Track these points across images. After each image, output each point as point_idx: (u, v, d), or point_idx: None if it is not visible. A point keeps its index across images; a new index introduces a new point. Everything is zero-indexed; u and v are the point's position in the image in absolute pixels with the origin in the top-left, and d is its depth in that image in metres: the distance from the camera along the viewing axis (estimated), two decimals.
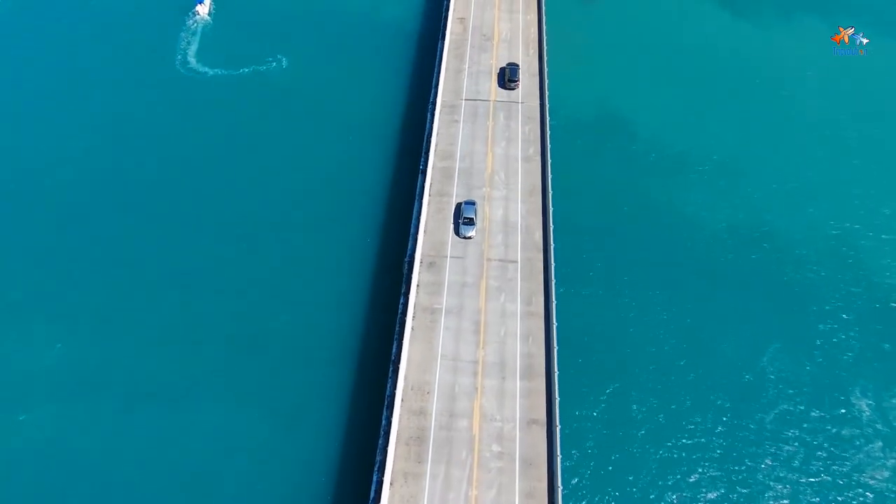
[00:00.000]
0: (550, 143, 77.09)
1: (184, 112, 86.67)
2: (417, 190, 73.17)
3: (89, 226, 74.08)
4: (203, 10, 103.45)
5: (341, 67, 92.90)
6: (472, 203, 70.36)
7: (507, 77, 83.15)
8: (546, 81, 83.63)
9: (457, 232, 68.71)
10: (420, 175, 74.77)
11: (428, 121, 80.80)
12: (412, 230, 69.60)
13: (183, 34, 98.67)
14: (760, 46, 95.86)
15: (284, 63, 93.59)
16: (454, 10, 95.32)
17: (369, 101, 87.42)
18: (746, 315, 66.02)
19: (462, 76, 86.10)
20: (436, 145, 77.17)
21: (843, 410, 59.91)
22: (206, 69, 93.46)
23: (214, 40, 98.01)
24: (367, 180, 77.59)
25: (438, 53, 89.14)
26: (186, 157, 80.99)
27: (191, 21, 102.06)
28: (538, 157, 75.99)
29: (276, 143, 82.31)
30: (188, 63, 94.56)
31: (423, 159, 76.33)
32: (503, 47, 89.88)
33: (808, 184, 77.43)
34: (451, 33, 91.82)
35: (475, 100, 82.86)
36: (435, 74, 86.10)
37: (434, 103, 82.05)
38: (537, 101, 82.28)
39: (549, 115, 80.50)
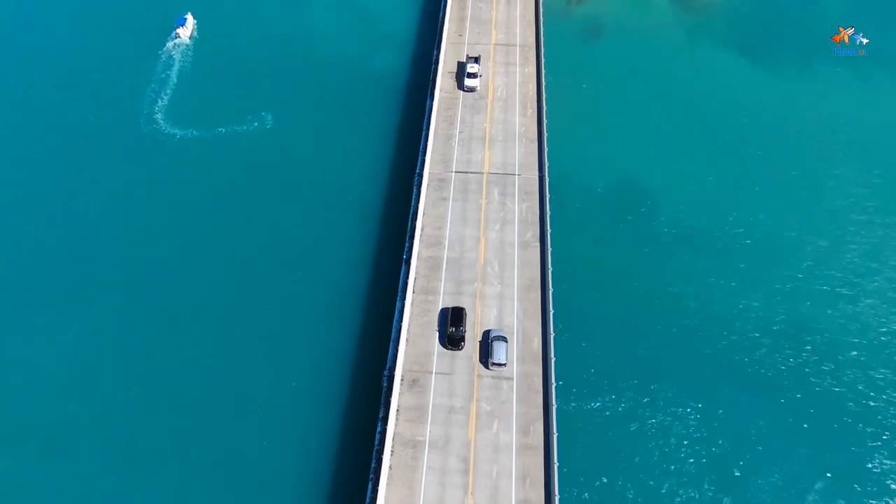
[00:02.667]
0: (551, 223, 67.95)
1: (147, 184, 77.78)
2: (400, 285, 64.10)
3: (30, 321, 65.64)
4: (185, 32, 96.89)
5: (325, 127, 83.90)
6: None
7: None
8: (545, 149, 74.54)
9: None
10: (403, 265, 65.74)
11: (414, 196, 71.85)
12: (393, 335, 60.52)
13: (154, 84, 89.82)
14: (785, 100, 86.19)
15: (269, 122, 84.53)
16: (444, 62, 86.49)
17: (354, 171, 78.15)
18: (786, 437, 56.30)
19: (452, 143, 77.12)
20: (421, 229, 68.14)
21: None
22: (177, 130, 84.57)
23: (192, 85, 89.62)
24: (345, 269, 68.50)
25: (427, 114, 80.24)
26: (148, 240, 72.09)
27: (170, 44, 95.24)
28: (537, 243, 66.77)
29: (250, 225, 73.07)
30: (155, 122, 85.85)
31: (406, 245, 67.32)
32: (498, 107, 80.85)
33: (855, 272, 67.38)
34: (441, 90, 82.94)
35: (466, 172, 73.82)
36: (422, 141, 77.14)
37: (421, 175, 73.15)
38: (536, 173, 73.14)
39: (550, 189, 71.49)
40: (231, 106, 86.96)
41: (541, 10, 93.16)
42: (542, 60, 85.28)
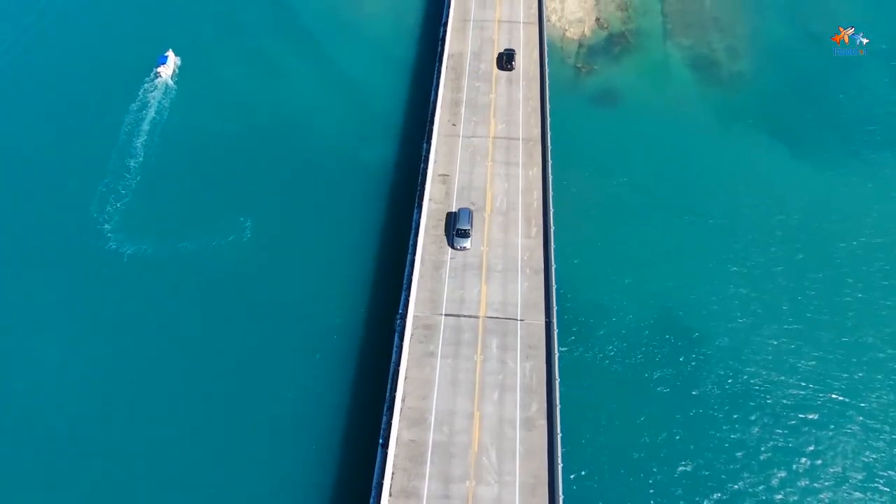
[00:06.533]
0: (562, 389, 55.21)
1: (83, 320, 65.17)
2: (373, 486, 51.57)
3: None
4: (166, 70, 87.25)
5: (305, 239, 70.89)
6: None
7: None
8: (553, 285, 61.79)
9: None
10: (379, 452, 53.26)
11: (395, 348, 59.44)
12: None
13: (109, 177, 76.90)
14: (834, 200, 73.24)
15: (248, 232, 71.46)
16: (435, 162, 73.99)
17: (332, 308, 65.33)
18: None
19: (442, 273, 64.67)
20: (402, 399, 55.67)
21: None
22: (127, 246, 70.59)
23: (156, 179, 76.90)
24: (312, 457, 55.67)
25: (413, 232, 67.83)
26: (84, 384, 59.89)
27: (150, 83, 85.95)
28: (543, 421, 54.04)
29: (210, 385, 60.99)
30: (102, 234, 72.65)
31: (384, 422, 54.87)
32: (496, 224, 68.21)
33: None
34: (431, 200, 70.53)
35: (458, 315, 61.27)
36: (406, 272, 64.71)
37: (404, 318, 60.74)
38: (542, 318, 60.45)
39: (560, 338, 58.87)
40: (199, 209, 73.88)
41: (547, 93, 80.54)
42: (549, 162, 72.68)
